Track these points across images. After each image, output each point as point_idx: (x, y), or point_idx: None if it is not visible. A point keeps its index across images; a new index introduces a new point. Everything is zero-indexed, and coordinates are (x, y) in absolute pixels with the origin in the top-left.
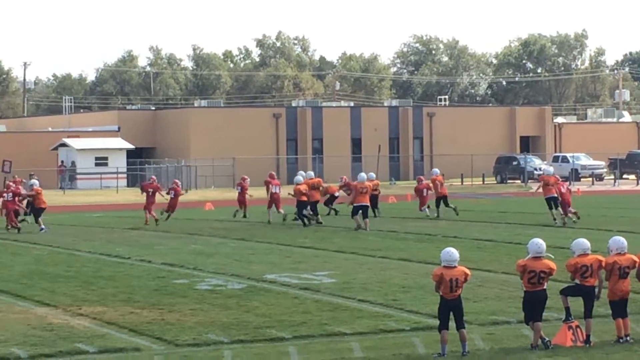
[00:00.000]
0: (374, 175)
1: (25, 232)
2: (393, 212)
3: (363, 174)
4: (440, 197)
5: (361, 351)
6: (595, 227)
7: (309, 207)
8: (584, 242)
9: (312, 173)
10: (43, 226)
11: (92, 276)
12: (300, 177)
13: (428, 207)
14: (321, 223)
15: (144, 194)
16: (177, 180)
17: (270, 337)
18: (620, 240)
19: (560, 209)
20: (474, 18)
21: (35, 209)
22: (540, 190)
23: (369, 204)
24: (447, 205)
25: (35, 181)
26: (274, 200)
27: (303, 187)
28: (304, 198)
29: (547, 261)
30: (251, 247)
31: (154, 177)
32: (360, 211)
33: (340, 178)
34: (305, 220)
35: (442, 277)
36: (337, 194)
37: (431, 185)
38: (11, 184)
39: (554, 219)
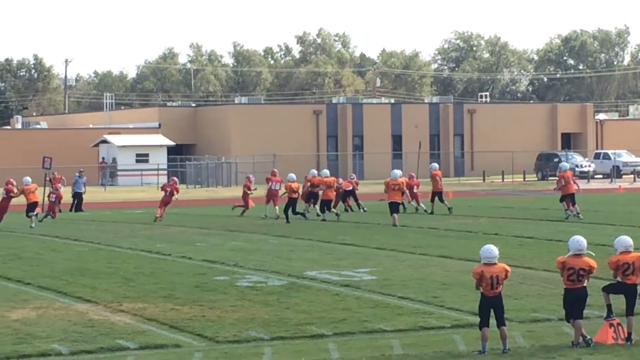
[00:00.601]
0: (327, 172)
1: (58, 226)
2: (433, 209)
3: (396, 171)
4: (436, 192)
5: (401, 348)
6: (637, 225)
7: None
8: (626, 240)
9: (327, 171)
10: (33, 224)
11: (133, 273)
12: (292, 175)
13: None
14: (325, 220)
15: (163, 192)
16: (250, 176)
17: (311, 334)
18: None
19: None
20: (515, 14)
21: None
22: (561, 185)
23: (401, 200)
24: (441, 201)
25: (27, 178)
26: (271, 196)
27: (295, 185)
28: (294, 195)
29: (587, 259)
30: (292, 244)
31: (174, 178)
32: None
33: (350, 176)
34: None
35: (482, 274)
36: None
37: (412, 182)
38: (59, 184)
39: (572, 214)
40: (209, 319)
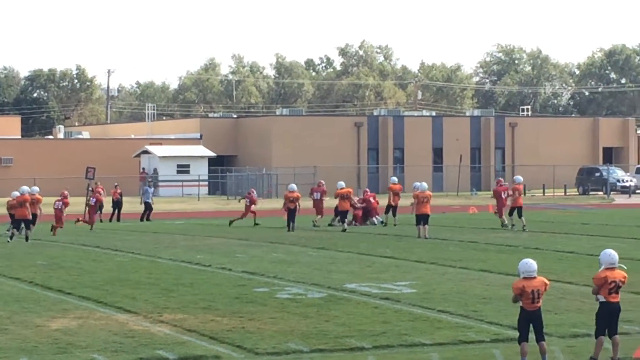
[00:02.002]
0: (295, 187)
1: (97, 237)
2: (474, 223)
3: (424, 184)
4: (515, 207)
5: None
6: None
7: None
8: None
9: (342, 183)
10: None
11: (173, 283)
12: (293, 185)
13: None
14: (345, 230)
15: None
16: (252, 189)
17: (350, 347)
18: None
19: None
20: (557, 28)
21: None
22: (515, 198)
23: (429, 212)
24: (520, 216)
25: (25, 188)
26: (315, 206)
27: (294, 195)
28: (292, 205)
29: (621, 271)
30: (331, 257)
31: (253, 189)
32: (421, 220)
33: (364, 191)
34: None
35: (523, 289)
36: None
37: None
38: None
39: (512, 226)
40: (248, 330)
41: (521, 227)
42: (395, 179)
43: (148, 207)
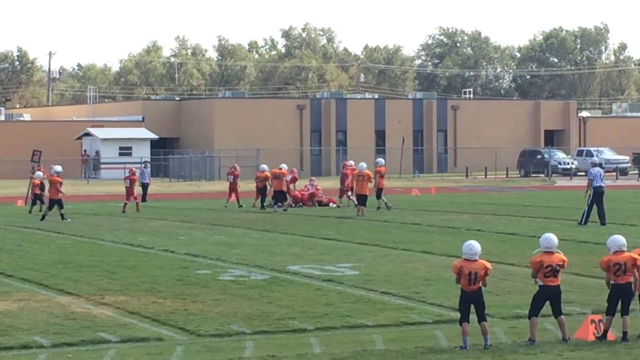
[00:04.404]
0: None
1: (54, 222)
2: (416, 205)
3: (362, 163)
4: (379, 188)
5: (383, 343)
6: (619, 222)
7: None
8: (619, 239)
9: (284, 165)
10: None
11: (115, 266)
12: (264, 166)
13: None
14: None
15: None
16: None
17: (293, 329)
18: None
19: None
20: (498, 11)
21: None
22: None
23: (367, 193)
24: (378, 197)
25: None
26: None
27: (264, 175)
28: (261, 185)
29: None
30: (274, 239)
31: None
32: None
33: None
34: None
35: (461, 269)
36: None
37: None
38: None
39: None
40: (191, 312)
41: (384, 206)
42: (382, 160)
43: (144, 187)
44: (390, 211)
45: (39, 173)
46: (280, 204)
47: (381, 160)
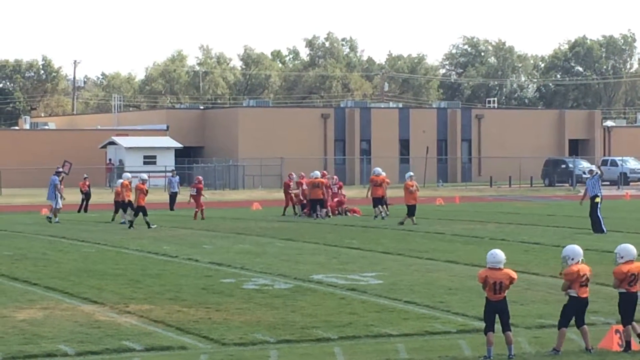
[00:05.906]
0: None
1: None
2: (440, 214)
3: (377, 168)
4: (374, 198)
5: (407, 353)
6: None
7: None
8: (631, 248)
9: (317, 173)
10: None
11: (139, 274)
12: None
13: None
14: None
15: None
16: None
17: (317, 338)
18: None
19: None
20: (523, 20)
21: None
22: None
23: (380, 195)
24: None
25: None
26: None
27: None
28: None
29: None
30: (298, 247)
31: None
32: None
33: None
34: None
35: (486, 279)
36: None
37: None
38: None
39: (377, 216)
40: (215, 321)
41: (379, 215)
42: (378, 169)
43: (172, 197)
44: (385, 220)
45: (127, 174)
46: (317, 213)
47: (378, 169)
